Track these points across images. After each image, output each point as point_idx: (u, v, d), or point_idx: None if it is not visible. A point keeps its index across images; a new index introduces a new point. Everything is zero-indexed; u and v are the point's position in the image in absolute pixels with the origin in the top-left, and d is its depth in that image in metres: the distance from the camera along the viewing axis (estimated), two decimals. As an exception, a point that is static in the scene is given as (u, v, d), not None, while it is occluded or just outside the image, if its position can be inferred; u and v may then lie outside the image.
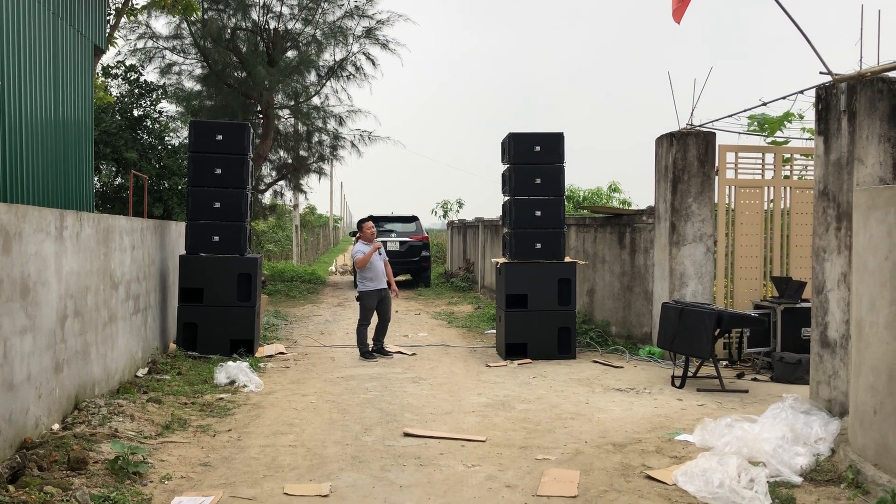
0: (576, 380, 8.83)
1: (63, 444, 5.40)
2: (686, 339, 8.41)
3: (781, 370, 8.84)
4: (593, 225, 12.27)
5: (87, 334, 6.68)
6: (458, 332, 13.00)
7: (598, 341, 11.09)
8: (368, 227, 10.60)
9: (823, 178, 6.58)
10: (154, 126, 16.29)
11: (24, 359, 5.34)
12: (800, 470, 5.31)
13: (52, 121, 8.23)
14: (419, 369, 9.53)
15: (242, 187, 10.06)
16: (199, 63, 18.62)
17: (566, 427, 6.71)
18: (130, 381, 7.84)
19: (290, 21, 18.81)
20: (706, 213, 10.02)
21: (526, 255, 10.31)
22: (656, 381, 8.76)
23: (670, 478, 5.29)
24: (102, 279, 7.13)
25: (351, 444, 6.14)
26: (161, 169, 15.54)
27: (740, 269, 10.26)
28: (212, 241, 9.92)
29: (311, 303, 17.89)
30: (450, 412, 7.27)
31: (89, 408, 6.42)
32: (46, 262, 5.74)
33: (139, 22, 17.29)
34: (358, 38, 19.15)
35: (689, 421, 6.86)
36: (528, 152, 10.37)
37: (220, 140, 9.97)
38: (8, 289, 5.08)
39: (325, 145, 21.30)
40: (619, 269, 11.43)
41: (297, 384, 8.53)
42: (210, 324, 9.75)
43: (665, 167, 10.20)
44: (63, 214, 6.12)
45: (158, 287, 9.51)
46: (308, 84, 19.54)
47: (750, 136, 10.63)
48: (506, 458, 5.79)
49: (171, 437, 6.15)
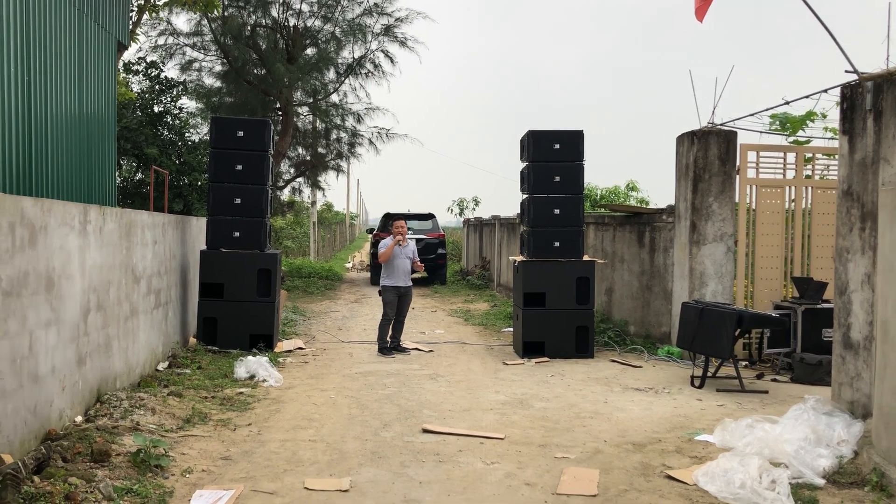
0: (594, 379, 8.80)
1: (86, 436, 5.45)
2: (706, 338, 8.37)
3: (802, 371, 8.78)
4: (612, 223, 12.22)
5: (109, 328, 6.74)
6: (475, 330, 13.00)
7: (617, 340, 11.05)
8: (399, 226, 10.67)
9: (847, 177, 6.52)
10: (174, 122, 16.40)
11: (48, 351, 5.40)
12: (822, 472, 5.27)
13: (77, 116, 8.31)
14: (437, 366, 9.54)
15: (263, 184, 10.10)
16: (220, 60, 18.70)
17: (585, 426, 6.70)
18: (151, 375, 7.90)
19: (310, 18, 18.86)
20: (727, 213, 9.96)
21: (544, 254, 10.30)
22: (675, 380, 8.72)
23: (691, 478, 5.26)
24: (125, 273, 7.19)
25: (370, 440, 6.16)
26: (181, 165, 15.64)
27: (760, 269, 10.19)
28: (232, 236, 9.98)
29: (329, 299, 17.95)
30: (468, 409, 7.27)
31: (111, 401, 6.47)
32: (70, 255, 5.79)
33: (160, 18, 17.38)
34: (377, 35, 19.16)
35: (709, 421, 6.83)
36: (548, 150, 10.34)
37: (241, 136, 10.02)
38: (33, 282, 5.14)
39: (343, 143, 21.34)
40: (638, 268, 11.38)
41: (316, 379, 8.56)
42: (230, 319, 9.80)
43: (686, 166, 10.15)
44: (87, 209, 6.17)
45: (179, 282, 9.58)
46: (327, 81, 19.57)
47: (771, 136, 10.55)
48: (525, 456, 5.79)
49: (191, 431, 6.20)
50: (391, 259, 10.48)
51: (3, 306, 4.70)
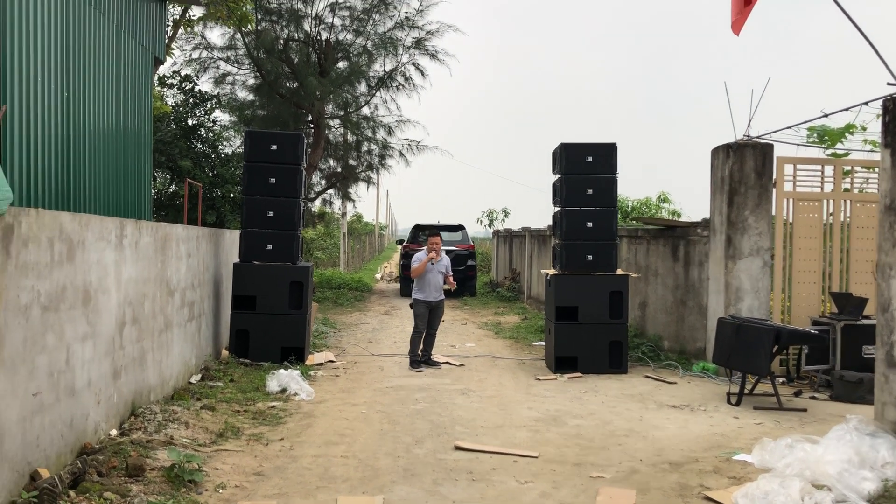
0: (628, 395, 8.69)
1: (121, 450, 5.47)
2: (743, 355, 8.23)
3: (842, 389, 8.58)
4: (646, 237, 12.10)
5: (143, 341, 6.79)
6: (506, 344, 12.93)
7: (650, 356, 10.91)
8: (434, 242, 10.64)
9: (890, 192, 6.37)
10: (208, 135, 16.58)
11: (84, 365, 5.44)
12: (867, 495, 5.12)
13: (114, 130, 8.42)
14: (468, 381, 9.48)
15: (296, 196, 10.15)
16: (253, 73, 18.90)
17: (620, 444, 6.59)
18: (184, 388, 7.94)
19: (342, 32, 18.99)
20: (763, 227, 9.80)
21: (577, 267, 10.21)
22: (711, 397, 8.58)
23: (730, 499, 5.14)
24: (159, 287, 7.25)
25: (402, 457, 6.11)
26: (214, 177, 15.80)
27: (798, 284, 10.00)
28: (265, 249, 10.03)
29: (359, 311, 17.98)
30: (500, 426, 7.20)
31: (145, 414, 6.51)
32: (107, 269, 5.84)
33: (195, 33, 17.63)
34: (407, 48, 19.24)
35: (747, 440, 6.69)
36: (581, 163, 10.27)
37: (274, 150, 10.09)
38: (71, 296, 5.18)
39: (373, 154, 21.44)
40: (673, 282, 11.24)
41: (347, 393, 8.55)
42: (262, 331, 9.84)
43: (721, 179, 10.01)
44: (123, 223, 6.23)
45: (212, 294, 9.64)
46: (358, 94, 19.69)
47: (809, 148, 10.38)
48: (559, 475, 5.71)
49: (224, 445, 6.21)
50: (423, 273, 10.46)
51: (41, 321, 4.74)
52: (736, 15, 7.43)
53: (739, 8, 7.19)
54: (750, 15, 7.54)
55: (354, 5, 18.74)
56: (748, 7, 7.11)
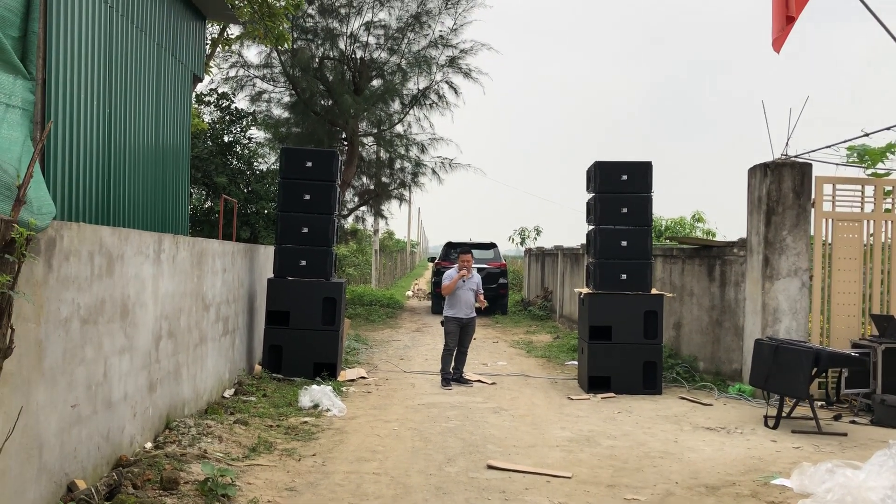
0: (663, 416, 8.56)
1: (155, 463, 5.51)
2: (781, 377, 8.08)
3: (883, 413, 8.38)
4: (681, 256, 11.97)
5: (179, 355, 6.85)
6: (538, 362, 12.84)
7: (685, 377, 10.76)
8: (465, 259, 10.64)
9: (934, 212, 6.24)
10: (243, 152, 16.77)
11: (121, 378, 5.50)
12: (911, 523, 4.98)
13: (153, 147, 8.55)
14: (500, 399, 9.42)
15: (330, 213, 10.22)
16: (288, 91, 19.13)
17: (655, 466, 6.49)
18: (218, 402, 7.99)
19: (377, 51, 19.17)
20: (801, 247, 9.65)
21: (611, 286, 10.12)
22: (748, 420, 8.42)
23: (769, 525, 5.04)
24: (195, 301, 7.31)
25: (434, 475, 6.08)
26: (249, 193, 15.96)
27: (837, 306, 9.82)
28: (299, 265, 10.10)
29: (390, 327, 18.00)
30: (533, 445, 7.13)
31: (179, 427, 6.55)
32: (145, 283, 5.91)
33: (232, 51, 17.91)
34: (441, 67, 19.36)
35: (785, 464, 6.56)
36: (615, 181, 10.22)
37: (309, 167, 10.17)
38: (109, 310, 5.25)
39: (406, 172, 21.54)
40: (708, 302, 11.10)
41: (378, 410, 8.54)
42: (295, 346, 9.88)
43: (758, 198, 9.88)
44: (161, 238, 6.30)
45: (246, 309, 9.71)
46: (392, 112, 19.83)
47: (848, 168, 10.22)
48: (593, 497, 5.63)
49: (257, 460, 6.22)
50: (454, 290, 10.44)
51: (80, 333, 4.80)
52: (777, 32, 7.36)
53: (781, 25, 7.12)
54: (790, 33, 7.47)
55: (389, 24, 18.93)
56: (789, 25, 7.04)
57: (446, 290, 10.46)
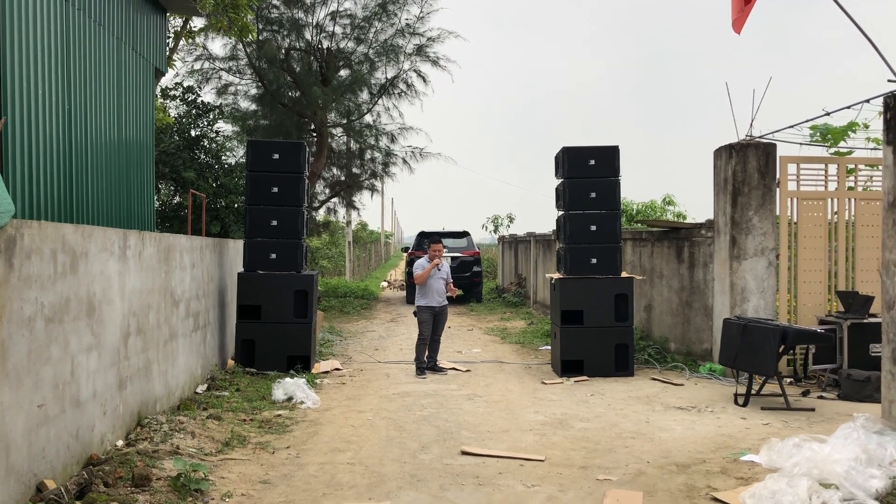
0: (635, 398, 8.66)
1: (127, 460, 5.48)
2: (749, 355, 8.20)
3: (849, 388, 8.54)
4: (650, 239, 12.08)
5: (148, 351, 6.80)
6: (512, 348, 12.91)
7: (657, 358, 10.88)
8: (436, 248, 10.66)
9: (893, 188, 6.35)
10: (211, 146, 16.61)
11: (89, 376, 5.45)
12: (875, 493, 5.08)
13: (116, 142, 8.45)
14: (474, 386, 9.46)
15: (299, 205, 10.17)
16: (255, 83, 18.97)
17: (627, 447, 6.57)
18: (190, 398, 7.95)
19: (343, 40, 19.05)
20: (767, 227, 9.78)
21: (581, 271, 10.19)
22: (718, 398, 8.55)
23: (737, 500, 5.12)
24: (163, 297, 7.26)
25: (409, 463, 6.10)
26: (218, 187, 15.82)
27: (803, 284, 9.98)
28: (269, 258, 10.05)
29: (365, 318, 17.98)
30: (507, 430, 7.18)
31: (151, 424, 6.51)
32: (111, 281, 5.86)
33: (197, 44, 17.70)
34: (409, 55, 19.29)
35: (755, 440, 6.67)
36: (583, 166, 10.27)
37: (276, 159, 10.11)
38: (75, 308, 5.20)
39: (377, 162, 21.47)
40: (678, 283, 11.22)
41: (353, 400, 8.54)
42: (267, 340, 9.85)
43: (724, 180, 10.00)
44: (126, 234, 6.24)
45: (217, 304, 9.65)
46: (360, 102, 19.74)
47: (812, 147, 10.35)
48: (566, 479, 5.69)
49: (230, 454, 6.20)
50: (426, 279, 10.46)
51: (45, 332, 4.75)
52: (736, 14, 7.43)
53: (740, 7, 7.19)
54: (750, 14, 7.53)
55: (355, 13, 18.82)
56: (748, 6, 7.10)
57: (419, 280, 10.48)
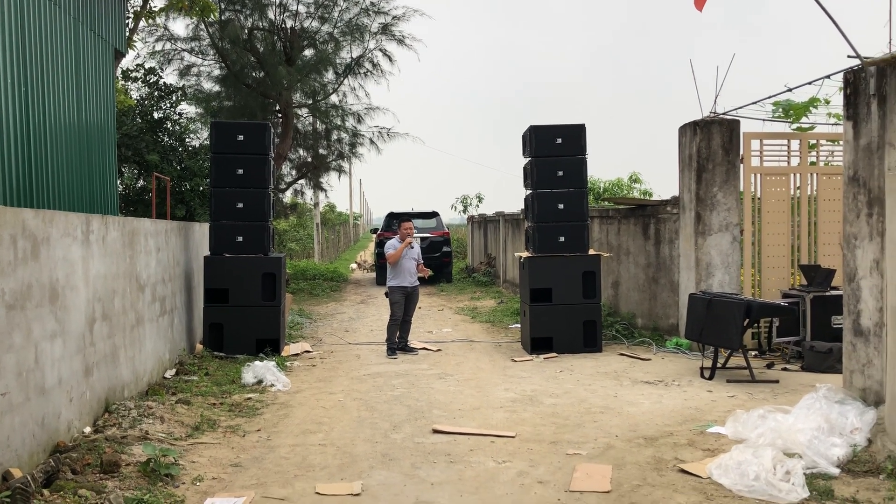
0: (603, 373, 8.76)
1: (95, 447, 5.43)
2: (715, 329, 8.33)
3: (812, 359, 8.72)
4: (616, 216, 12.17)
5: (115, 337, 6.72)
6: (482, 327, 12.97)
7: (624, 334, 11.01)
8: (407, 227, 10.64)
9: (853, 163, 6.45)
10: (174, 128, 16.36)
11: (54, 363, 5.38)
12: (836, 461, 5.22)
13: (76, 125, 8.29)
14: (445, 365, 9.50)
15: (265, 187, 10.07)
16: (218, 64, 18.67)
17: (596, 421, 6.66)
18: (159, 383, 7.89)
19: (307, 20, 18.81)
20: (732, 202, 9.90)
21: (549, 249, 10.25)
22: (685, 372, 8.68)
23: (704, 471, 5.22)
24: (129, 282, 7.17)
25: (380, 442, 6.12)
26: (182, 170, 15.60)
27: (767, 258, 10.14)
28: (235, 241, 9.95)
29: (335, 301, 17.93)
30: (478, 408, 7.24)
31: (119, 410, 6.45)
32: (74, 266, 5.77)
33: (157, 25, 17.36)
34: (374, 34, 19.10)
35: (721, 413, 6.79)
36: (550, 145, 10.30)
37: (241, 140, 9.99)
38: (37, 294, 5.11)
39: (344, 143, 21.30)
40: (644, 260, 11.33)
41: (324, 382, 8.53)
42: (236, 324, 9.78)
43: (689, 156, 10.09)
44: (89, 218, 6.14)
45: (184, 288, 9.55)
46: (326, 82, 19.54)
47: (774, 123, 10.48)
48: (536, 454, 5.75)
49: (201, 439, 6.17)
50: (398, 259, 10.45)
51: (6, 319, 4.67)
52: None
53: (701, -16, 7.21)
54: (712, -9, 7.57)
55: (319, -9, 18.57)
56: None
57: (392, 259, 10.44)
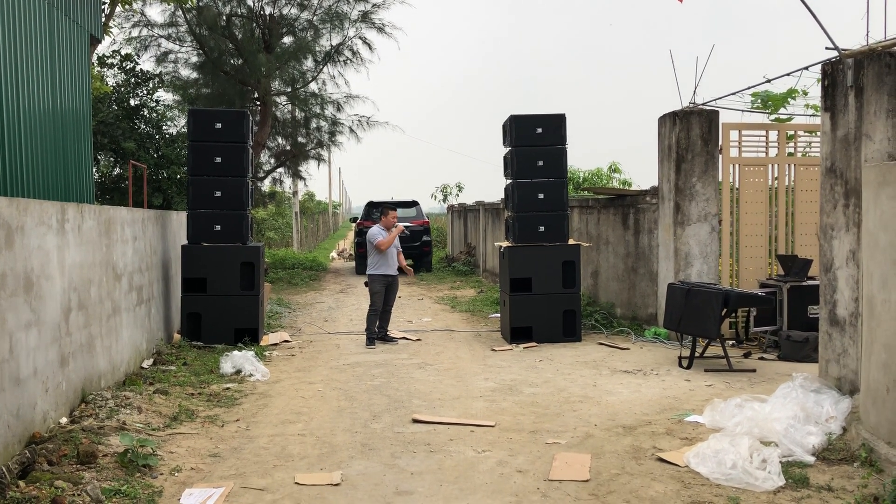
0: (582, 362, 8.80)
1: (72, 437, 5.37)
2: (693, 319, 8.38)
3: (789, 349, 8.82)
4: (596, 206, 12.21)
5: (91, 327, 6.65)
6: (462, 317, 12.98)
7: (604, 323, 11.06)
8: (392, 216, 10.61)
9: (830, 154, 6.51)
10: (151, 115, 16.17)
11: (29, 353, 5.31)
12: (812, 449, 5.28)
13: (50, 112, 8.16)
14: (425, 355, 9.50)
15: (243, 175, 9.99)
16: (196, 51, 18.48)
17: (575, 410, 6.69)
18: (136, 373, 7.82)
19: (286, 6, 18.65)
20: (710, 193, 9.96)
21: (529, 239, 10.27)
22: (663, 362, 8.74)
23: (682, 459, 5.26)
24: (105, 271, 7.09)
25: (360, 432, 6.11)
26: (159, 158, 15.44)
27: (745, 248, 10.22)
28: (213, 230, 9.87)
29: (314, 290, 17.86)
30: (457, 397, 7.24)
31: (96, 401, 6.39)
32: (49, 255, 5.69)
33: (134, 10, 17.15)
34: (354, 22, 19.00)
35: (699, 402, 6.84)
36: (530, 135, 10.29)
37: (219, 128, 9.89)
38: (11, 283, 5.04)
39: (323, 131, 21.18)
40: (623, 250, 11.39)
41: (303, 372, 8.50)
42: (214, 313, 9.71)
43: (668, 147, 10.13)
44: (64, 207, 6.06)
45: (161, 277, 9.47)
46: (305, 70, 19.41)
47: (753, 114, 10.55)
48: (516, 443, 5.77)
49: (179, 429, 6.13)
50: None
51: (-20, 309, 4.60)
52: (679, -18, 7.46)
53: (682, -25, 7.23)
54: (692, -18, 7.59)
55: (298, -21, 18.42)
56: (690, -26, 7.14)
57: (385, 246, 10.36)
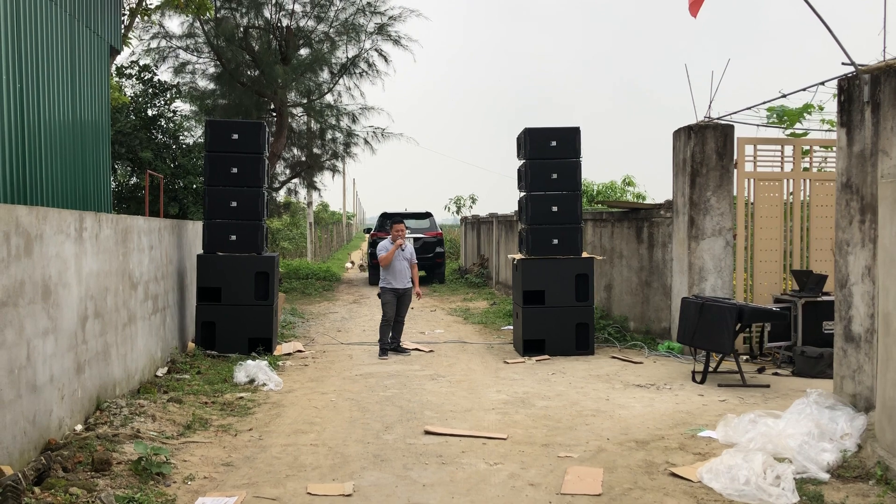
0: (595, 376, 8.78)
1: (86, 444, 5.41)
2: (707, 333, 8.35)
3: (803, 364, 8.76)
4: (610, 220, 12.20)
5: (107, 335, 6.70)
6: (475, 329, 12.98)
7: (617, 337, 11.03)
8: (398, 229, 10.64)
9: (846, 170, 6.49)
10: (168, 125, 16.34)
11: (46, 360, 5.36)
12: (826, 466, 5.25)
13: (70, 122, 8.26)
14: (437, 366, 9.51)
15: (259, 186, 10.06)
16: (213, 62, 18.64)
17: (587, 424, 6.67)
18: (150, 381, 7.87)
19: (303, 19, 18.79)
20: (725, 207, 9.94)
21: (543, 251, 10.27)
22: (676, 376, 8.71)
23: (695, 475, 5.24)
24: (121, 280, 7.15)
25: (372, 443, 6.12)
26: (176, 168, 15.59)
27: (760, 263, 10.17)
28: (229, 240, 9.93)
29: (327, 300, 17.91)
30: (469, 409, 7.24)
31: (111, 408, 6.44)
32: (67, 263, 5.75)
33: (153, 22, 17.31)
34: (370, 34, 19.10)
35: (712, 417, 6.81)
36: (544, 147, 10.32)
37: (235, 139, 9.97)
38: (30, 291, 5.10)
39: (338, 143, 21.29)
40: (637, 263, 11.36)
41: (316, 382, 8.53)
42: (228, 322, 9.76)
43: (683, 161, 10.12)
44: (82, 216, 6.13)
45: (176, 286, 9.53)
46: (321, 82, 19.52)
47: (769, 129, 10.54)
48: (528, 456, 5.76)
49: (192, 437, 6.16)
50: (391, 261, 10.45)
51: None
52: (694, -3, 7.47)
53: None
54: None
55: (315, -9, 18.55)
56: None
57: (385, 262, 10.44)
